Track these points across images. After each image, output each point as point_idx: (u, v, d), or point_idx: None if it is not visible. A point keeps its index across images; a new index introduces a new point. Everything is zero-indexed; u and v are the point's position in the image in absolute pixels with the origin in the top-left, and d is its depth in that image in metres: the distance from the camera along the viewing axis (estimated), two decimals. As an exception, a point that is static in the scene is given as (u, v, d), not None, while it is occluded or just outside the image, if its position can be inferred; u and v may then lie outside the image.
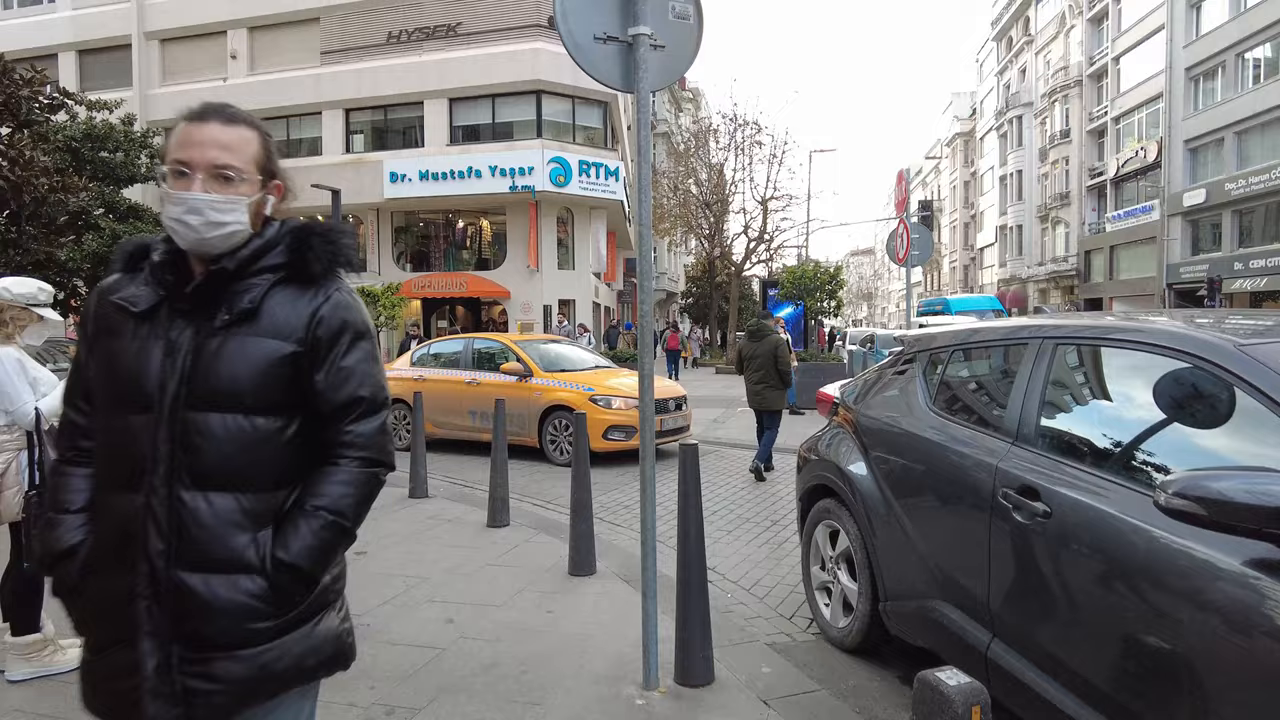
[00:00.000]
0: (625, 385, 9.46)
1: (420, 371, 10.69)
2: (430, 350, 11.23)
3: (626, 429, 8.91)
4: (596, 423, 8.76)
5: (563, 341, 11.89)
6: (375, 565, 5.05)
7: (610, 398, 9.08)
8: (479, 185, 22.25)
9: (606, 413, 8.96)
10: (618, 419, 8.95)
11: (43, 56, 27.28)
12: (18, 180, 8.97)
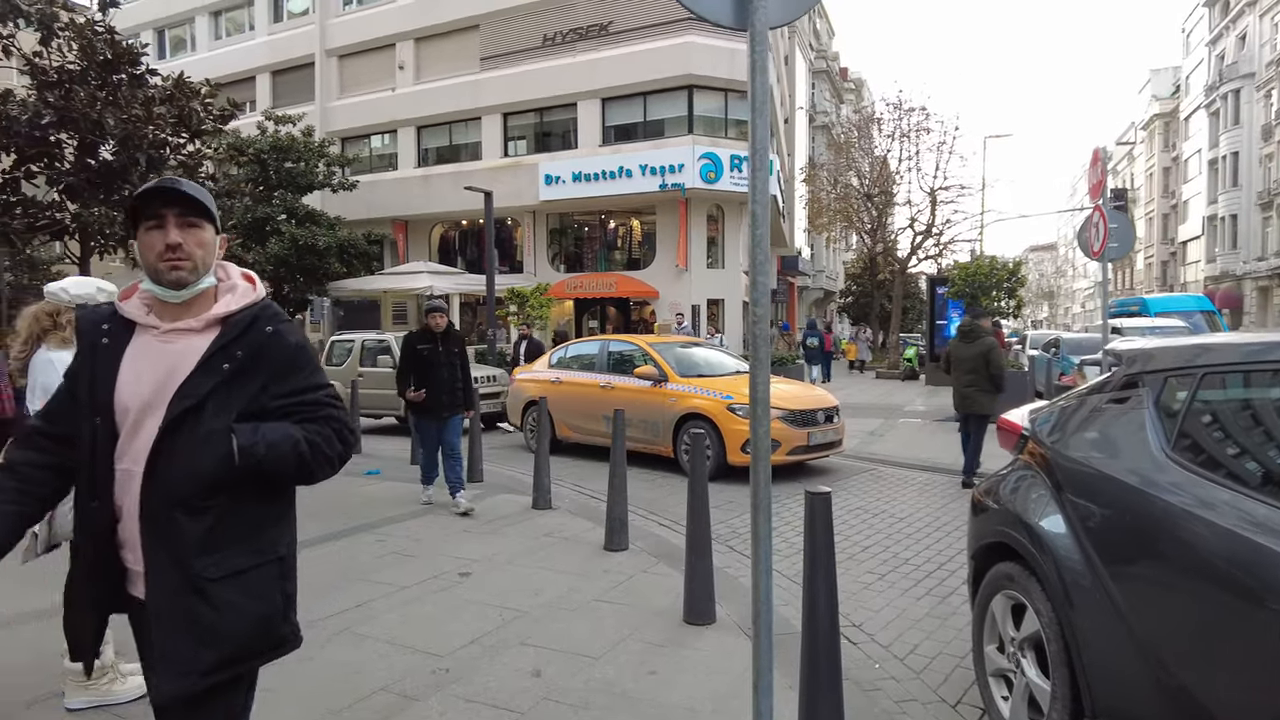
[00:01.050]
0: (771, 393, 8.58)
1: (558, 374, 10.39)
2: (569, 352, 10.94)
3: (770, 442, 8.03)
4: (734, 434, 8.08)
5: (704, 344, 11.19)
6: (475, 591, 4.59)
7: None
8: (629, 185, 21.99)
9: (746, 424, 8.11)
10: None
11: (244, 79, 30.04)
12: (185, 186, 9.34)
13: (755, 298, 2.38)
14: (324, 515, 6.63)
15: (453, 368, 6.82)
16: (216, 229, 1.80)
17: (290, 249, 21.14)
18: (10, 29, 9.22)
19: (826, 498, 2.47)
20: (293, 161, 22.13)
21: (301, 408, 1.74)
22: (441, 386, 6.73)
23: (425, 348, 6.77)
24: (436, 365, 6.72)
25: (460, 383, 6.89)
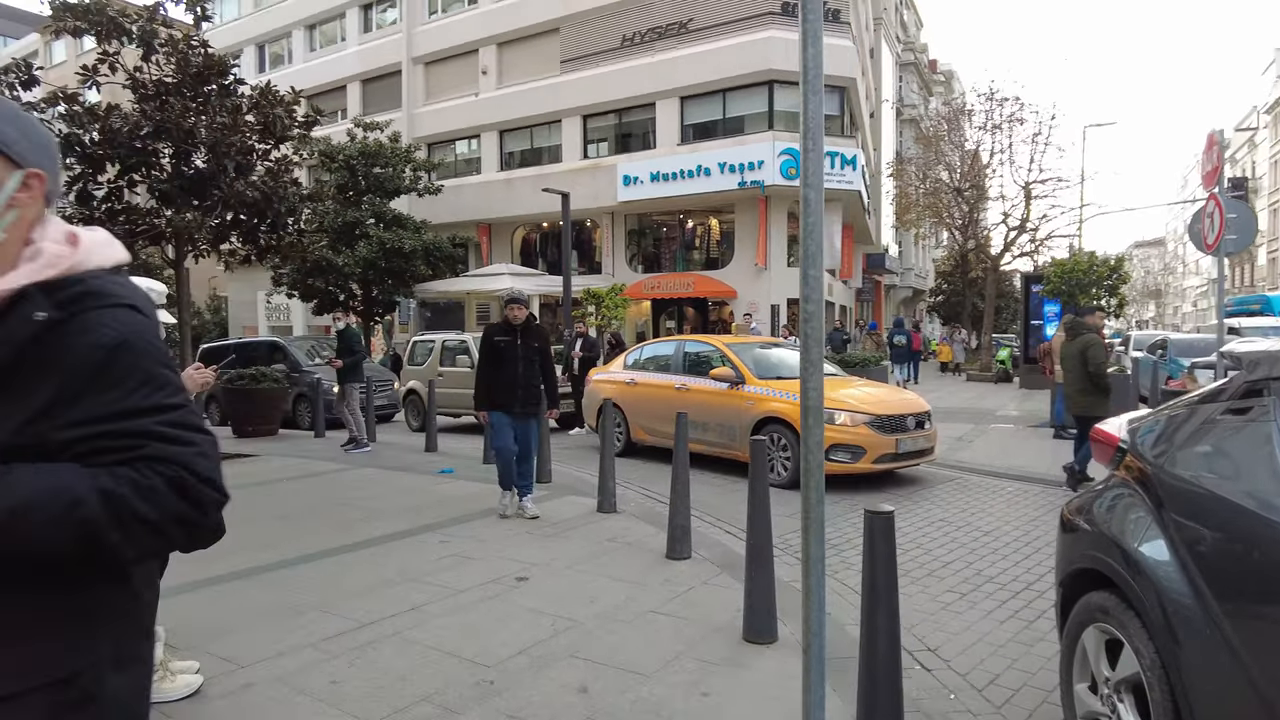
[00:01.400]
0: (854, 397, 8.10)
1: (633, 375, 10.21)
2: (644, 353, 10.68)
3: (853, 449, 7.63)
4: None
5: (783, 344, 10.81)
6: (531, 597, 4.48)
7: (833, 411, 7.73)
8: (708, 183, 21.74)
9: (828, 429, 7.70)
10: (842, 437, 7.62)
11: (336, 89, 31.20)
12: (269, 191, 9.66)
13: (805, 293, 2.16)
14: (391, 515, 6.69)
15: (531, 363, 6.46)
16: (11, 160, 1.13)
17: (378, 252, 21.76)
18: (116, 46, 9.69)
19: (888, 520, 2.21)
20: (380, 167, 22.81)
21: (107, 443, 1.08)
22: (517, 381, 6.40)
23: (502, 340, 6.44)
24: (513, 359, 6.39)
25: (540, 380, 6.57)
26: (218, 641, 3.84)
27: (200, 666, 3.44)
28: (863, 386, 8.91)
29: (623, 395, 9.96)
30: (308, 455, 10.58)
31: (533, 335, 6.52)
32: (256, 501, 7.44)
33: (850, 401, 7.94)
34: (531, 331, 6.53)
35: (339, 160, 22.33)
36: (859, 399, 8.06)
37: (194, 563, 5.19)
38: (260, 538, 5.95)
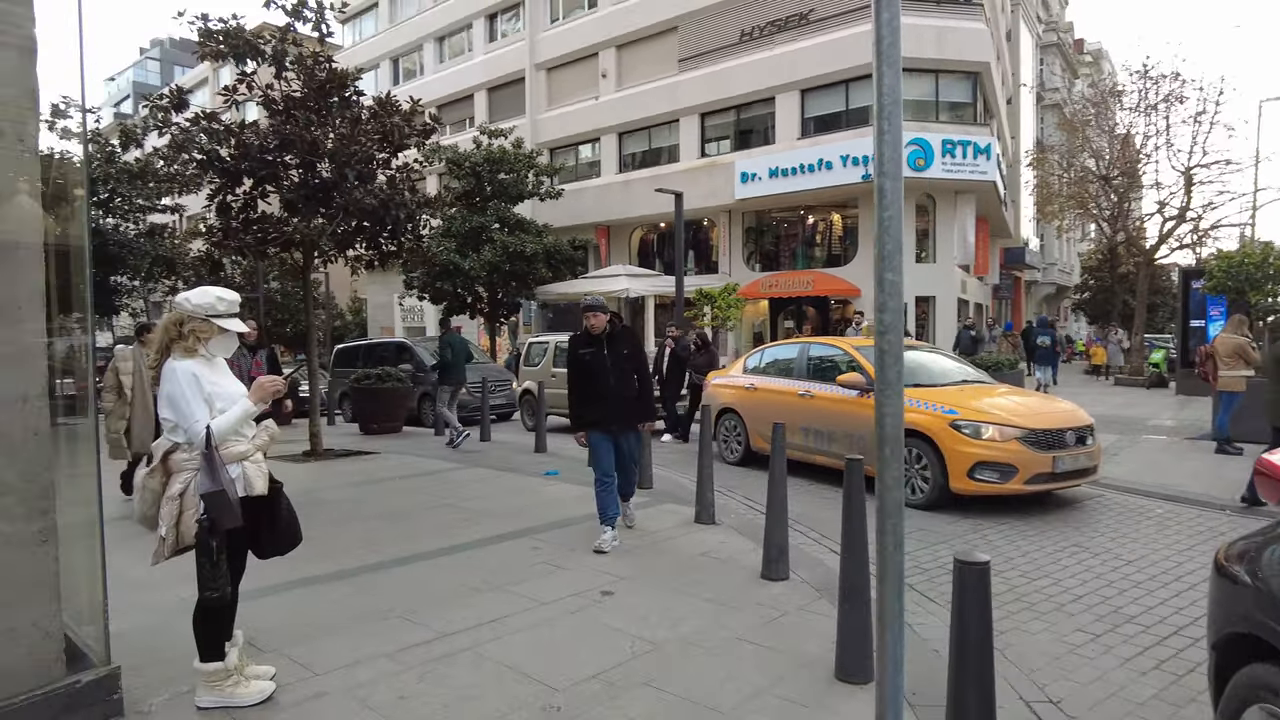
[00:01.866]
0: (1003, 407, 7.20)
1: (752, 380, 9.60)
2: (765, 356, 9.96)
3: (1002, 468, 6.72)
4: (960, 456, 6.85)
5: (922, 347, 9.87)
6: (612, 613, 4.29)
7: (980, 424, 6.87)
8: (829, 177, 20.99)
9: (973, 444, 6.82)
10: (989, 454, 6.74)
11: (464, 98, 32.39)
12: (385, 198, 9.98)
13: (882, 300, 1.84)
14: (491, 517, 6.69)
15: (623, 373, 5.86)
16: None
17: (502, 256, 22.36)
18: (252, 67, 10.28)
19: (982, 572, 1.85)
20: (505, 173, 23.43)
21: None
22: (609, 395, 5.77)
23: (587, 353, 5.86)
24: (603, 371, 5.78)
25: (634, 391, 5.96)
26: (300, 645, 3.87)
27: (276, 672, 3.46)
28: (1011, 395, 7.98)
29: (741, 401, 9.56)
30: (424, 454, 10.88)
31: (621, 342, 5.92)
32: (367, 499, 7.67)
33: (998, 413, 7.04)
34: (619, 338, 5.91)
35: (465, 167, 23.10)
36: (1009, 410, 7.16)
37: (293, 562, 5.34)
38: (365, 537, 6.08)
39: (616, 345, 5.88)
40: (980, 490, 6.81)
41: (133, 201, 20.59)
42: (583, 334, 5.95)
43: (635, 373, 5.99)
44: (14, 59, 3.06)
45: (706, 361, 12.00)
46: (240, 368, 7.78)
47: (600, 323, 5.83)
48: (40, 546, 3.05)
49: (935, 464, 7.01)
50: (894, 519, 1.80)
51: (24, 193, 3.04)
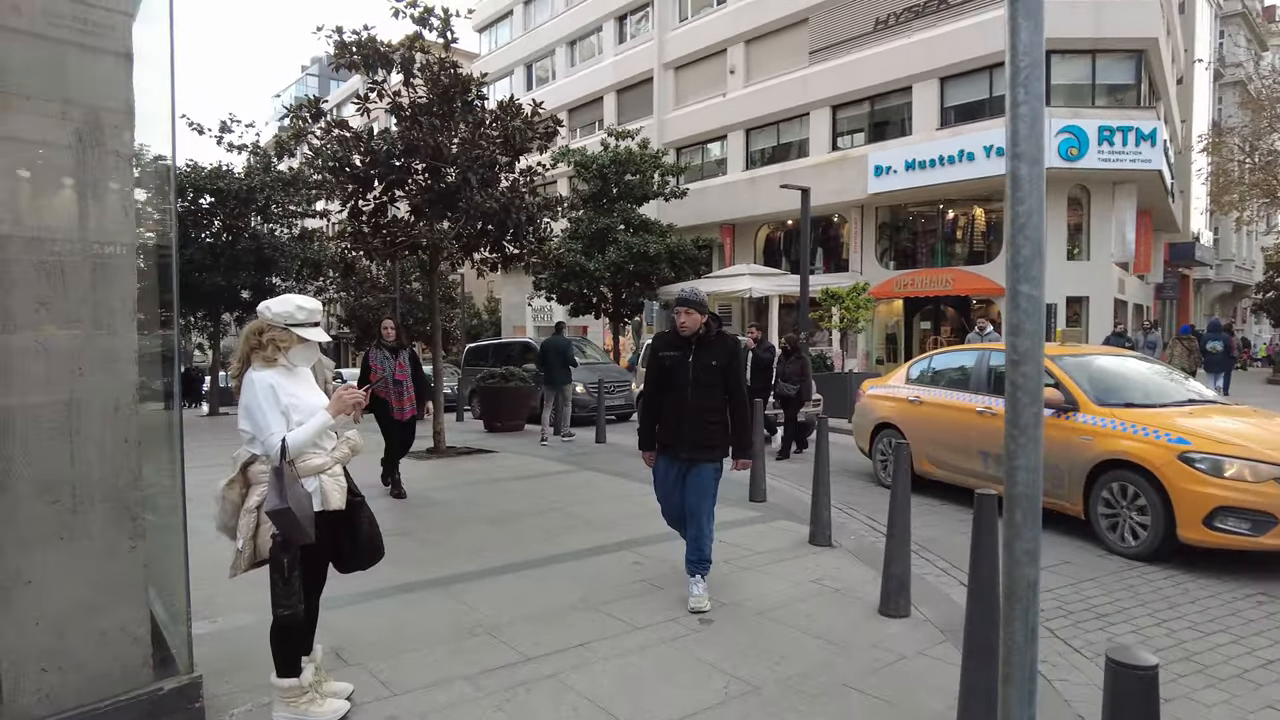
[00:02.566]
0: (1253, 437, 5.65)
1: (917, 391, 8.27)
2: (934, 363, 8.52)
3: (1255, 516, 5.21)
4: (1190, 496, 5.40)
5: (1134, 357, 8.01)
6: (708, 645, 3.96)
7: (1222, 458, 5.40)
8: (971, 169, 19.66)
9: (1212, 483, 5.34)
10: (1235, 496, 5.26)
11: (593, 101, 32.79)
12: (505, 202, 10.05)
13: (1015, 319, 1.44)
14: (595, 526, 6.51)
15: (707, 389, 4.58)
16: None
17: (625, 256, 22.40)
18: (382, 75, 10.62)
19: (1148, 680, 1.40)
20: (631, 174, 23.46)
21: None
22: (685, 412, 4.58)
23: (669, 356, 4.70)
24: (683, 384, 4.58)
25: (719, 413, 4.63)
26: (385, 660, 3.78)
27: (353, 690, 3.36)
28: (1258, 419, 6.25)
29: (904, 416, 8.31)
30: (541, 454, 10.92)
31: (712, 350, 4.62)
32: (479, 500, 7.69)
33: (1245, 443, 5.53)
34: (713, 346, 4.63)
35: (592, 170, 23.30)
36: (1262, 441, 5.59)
37: (396, 567, 5.34)
38: (471, 542, 6.04)
39: (707, 353, 4.62)
40: (1223, 543, 5.34)
41: (285, 207, 22.01)
42: (670, 332, 4.81)
43: (727, 392, 4.67)
44: (111, 67, 3.09)
45: (797, 368, 10.92)
46: (384, 371, 7.78)
47: (693, 322, 4.61)
48: (130, 552, 3.08)
49: (1157, 506, 5.60)
50: (1024, 602, 1.39)
51: (117, 201, 3.07)
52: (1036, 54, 1.38)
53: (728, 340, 4.75)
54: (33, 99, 2.92)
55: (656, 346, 4.85)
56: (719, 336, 4.73)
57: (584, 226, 23.16)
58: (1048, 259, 6.48)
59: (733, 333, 5.89)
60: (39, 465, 2.88)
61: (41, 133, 2.97)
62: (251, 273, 21.13)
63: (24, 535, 2.87)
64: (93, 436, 2.97)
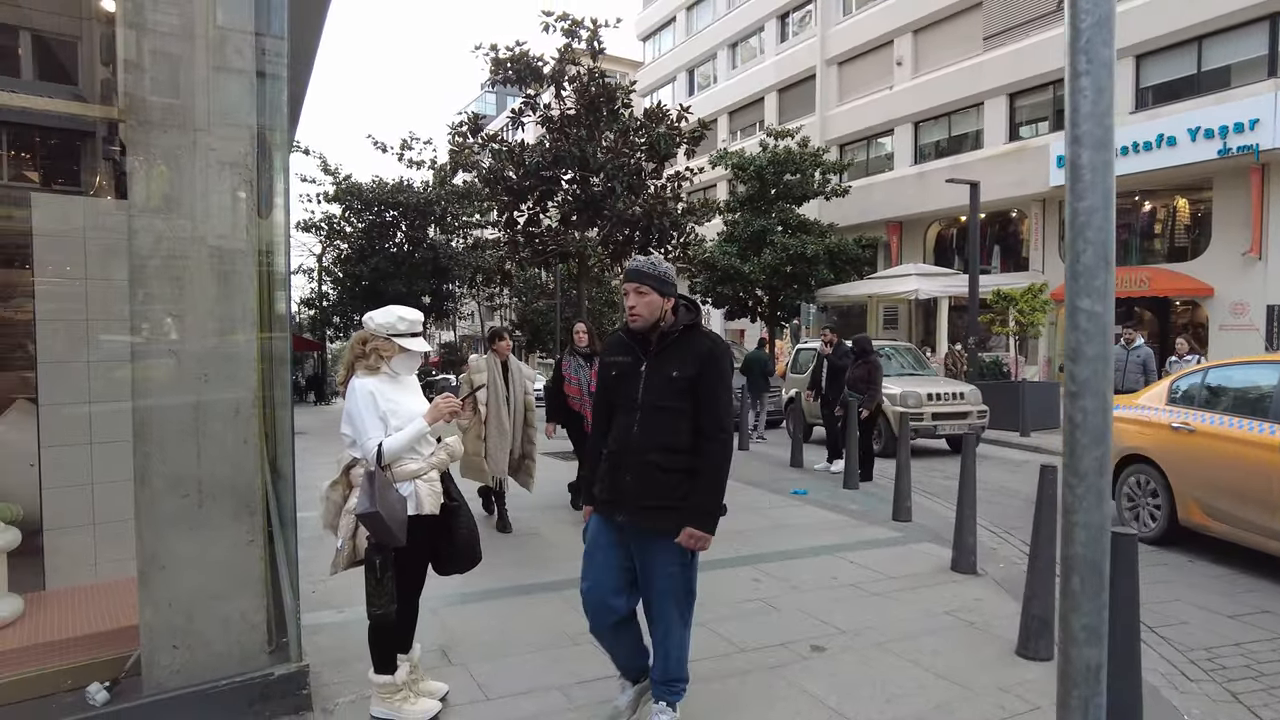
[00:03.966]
0: None
1: (1186, 415, 6.31)
2: (1211, 377, 6.47)
3: None
4: None
5: None
6: (817, 677, 3.71)
7: None
8: (1172, 155, 17.52)
9: None
10: None
11: (754, 102, 32.43)
12: (648, 208, 10.11)
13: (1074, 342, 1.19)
14: (720, 538, 6.31)
15: (663, 415, 2.94)
16: None
17: (781, 258, 21.93)
18: (534, 90, 11.02)
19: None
20: (790, 174, 22.92)
21: None
22: (626, 451, 2.99)
23: (616, 363, 3.11)
24: (629, 405, 3.00)
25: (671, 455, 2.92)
26: (487, 663, 3.84)
27: (448, 691, 3.43)
28: None
29: (1165, 447, 6.39)
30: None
31: (676, 354, 2.96)
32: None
33: None
34: (676, 347, 2.97)
35: (749, 171, 22.99)
36: None
37: (518, 568, 5.47)
38: (592, 547, 6.07)
39: (668, 358, 2.95)
40: None
41: (459, 219, 23.43)
42: (622, 328, 3.16)
43: (696, 422, 2.92)
44: (234, 85, 3.34)
45: (865, 374, 9.35)
46: (579, 380, 6.82)
47: (648, 308, 2.93)
48: (248, 545, 3.31)
49: None
50: (1084, 689, 1.13)
51: (240, 215, 3.31)
52: (1104, 9, 1.11)
53: (704, 340, 2.96)
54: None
55: (605, 350, 3.25)
56: (690, 333, 2.97)
57: (740, 229, 22.90)
58: (1272, 256, 5.06)
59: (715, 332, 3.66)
60: (171, 462, 3.16)
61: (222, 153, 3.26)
62: (429, 280, 22.65)
63: (159, 524, 3.16)
64: (216, 437, 3.22)
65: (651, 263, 3.01)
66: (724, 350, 3.04)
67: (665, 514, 2.90)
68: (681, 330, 2.97)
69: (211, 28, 3.34)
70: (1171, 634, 4.51)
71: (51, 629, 3.56)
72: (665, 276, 2.96)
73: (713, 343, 3.02)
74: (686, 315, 3.01)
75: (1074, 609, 1.17)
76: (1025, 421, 13.78)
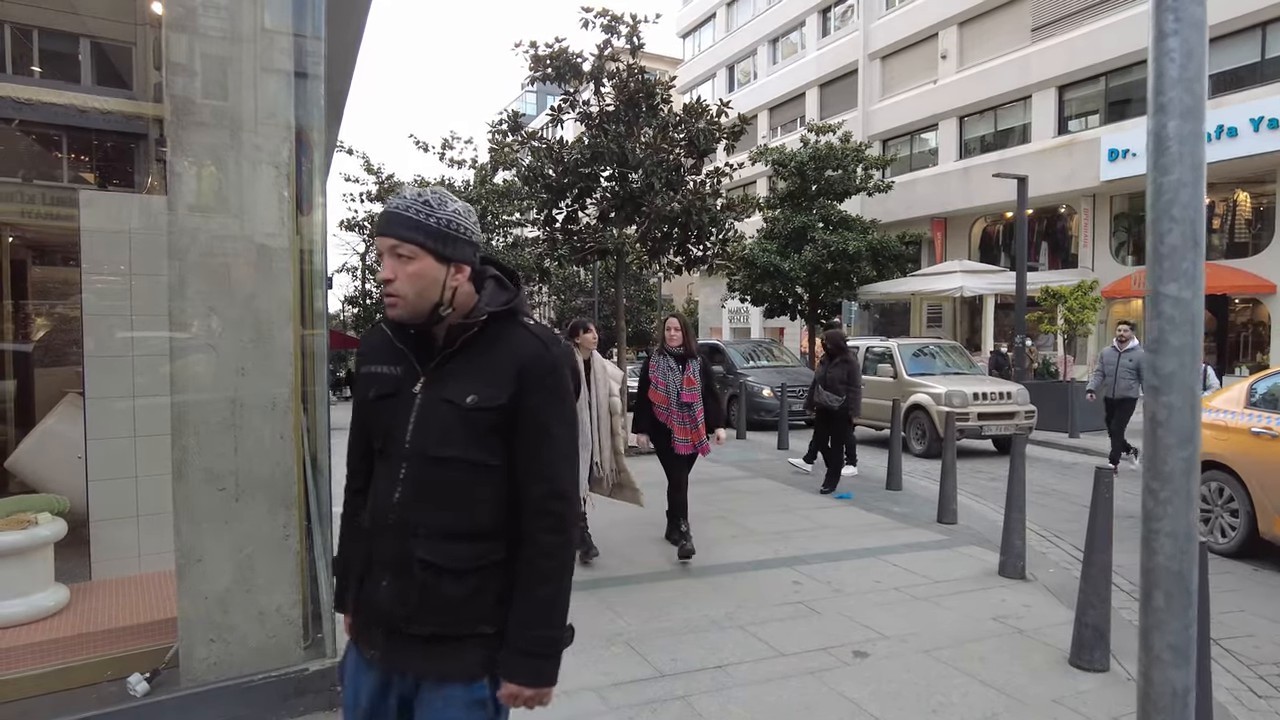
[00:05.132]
0: None
1: (1268, 419, 5.87)
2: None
3: None
4: None
5: None
6: (859, 683, 3.59)
7: None
8: (1233, 146, 16.86)
9: None
10: None
11: (795, 97, 32.09)
12: (687, 205, 10.02)
13: (1158, 331, 1.07)
14: (759, 538, 6.24)
15: (445, 470, 1.59)
16: None
17: (823, 255, 21.63)
18: (574, 86, 10.99)
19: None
20: (832, 169, 22.59)
21: None
22: (383, 535, 1.60)
23: (377, 373, 1.70)
24: (392, 451, 1.63)
25: (458, 543, 1.59)
26: (522, 662, 3.80)
27: (482, 691, 3.39)
28: None
29: (1245, 455, 5.96)
30: (717, 459, 10.74)
31: (472, 369, 1.61)
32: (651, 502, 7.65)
33: None
34: (473, 356, 1.63)
35: (790, 167, 22.72)
36: None
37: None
38: (627, 546, 6.00)
39: (463, 371, 1.61)
40: None
41: (499, 218, 23.55)
42: (384, 320, 1.75)
43: (512, 479, 1.63)
44: (273, 85, 3.34)
45: (844, 374, 8.30)
46: (668, 387, 5.75)
47: (414, 283, 1.58)
48: (284, 540, 3.31)
49: None
50: (1170, 717, 1.02)
51: (277, 211, 3.30)
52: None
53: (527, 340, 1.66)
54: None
55: (361, 353, 1.85)
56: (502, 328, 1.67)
57: (780, 225, 22.64)
58: None
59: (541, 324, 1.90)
60: (208, 456, 3.17)
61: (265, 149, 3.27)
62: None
63: (197, 518, 3.17)
64: (253, 431, 3.22)
65: (425, 202, 1.57)
66: (560, 357, 1.65)
67: (452, 651, 1.57)
68: (485, 323, 1.61)
69: (259, 30, 3.35)
70: (1237, 647, 4.30)
71: (96, 619, 3.61)
72: (448, 227, 1.58)
73: (543, 344, 1.64)
74: (496, 295, 1.66)
75: (1157, 626, 1.07)
76: (1074, 423, 13.39)
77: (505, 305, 1.64)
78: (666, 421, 5.75)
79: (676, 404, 5.71)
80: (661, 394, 5.76)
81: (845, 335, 8.88)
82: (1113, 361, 10.14)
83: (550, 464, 1.61)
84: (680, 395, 5.69)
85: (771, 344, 19.43)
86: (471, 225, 1.64)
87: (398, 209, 1.57)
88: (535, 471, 1.60)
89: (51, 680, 3.25)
